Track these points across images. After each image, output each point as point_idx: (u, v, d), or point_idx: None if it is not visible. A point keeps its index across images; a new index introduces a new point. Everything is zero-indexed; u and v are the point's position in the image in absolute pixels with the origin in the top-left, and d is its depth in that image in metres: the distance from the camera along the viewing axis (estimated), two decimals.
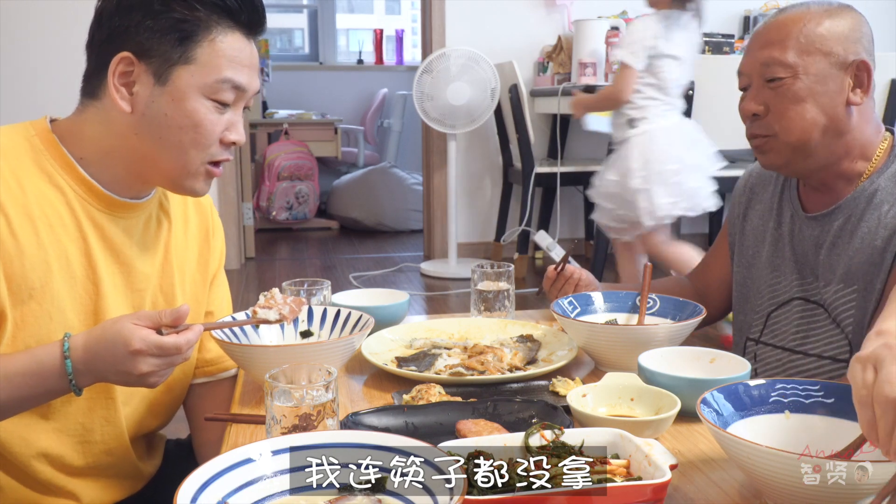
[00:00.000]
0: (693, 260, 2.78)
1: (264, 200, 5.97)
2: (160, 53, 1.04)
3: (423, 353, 1.28)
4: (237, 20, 1.08)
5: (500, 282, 1.47)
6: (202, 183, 1.13)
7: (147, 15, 1.04)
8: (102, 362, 0.99)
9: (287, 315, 1.10)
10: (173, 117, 1.06)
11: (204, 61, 1.06)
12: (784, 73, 1.25)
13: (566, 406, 1.00)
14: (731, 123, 3.74)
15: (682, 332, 1.24)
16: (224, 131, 1.10)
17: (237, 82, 1.08)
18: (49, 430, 1.12)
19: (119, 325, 0.98)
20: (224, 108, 1.09)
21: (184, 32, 1.05)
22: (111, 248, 1.12)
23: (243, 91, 1.10)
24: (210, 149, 1.09)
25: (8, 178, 1.03)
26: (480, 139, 4.81)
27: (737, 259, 1.49)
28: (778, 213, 1.42)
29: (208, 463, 0.73)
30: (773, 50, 1.26)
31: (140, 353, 0.97)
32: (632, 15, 4.58)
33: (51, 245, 1.06)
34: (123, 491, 1.24)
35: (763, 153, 1.32)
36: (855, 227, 1.28)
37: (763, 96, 1.29)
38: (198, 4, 1.05)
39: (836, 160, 1.28)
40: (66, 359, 0.99)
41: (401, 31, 7.80)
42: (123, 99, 1.06)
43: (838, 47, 1.24)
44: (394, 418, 1.00)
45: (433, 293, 4.16)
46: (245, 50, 1.09)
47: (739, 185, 1.53)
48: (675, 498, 0.84)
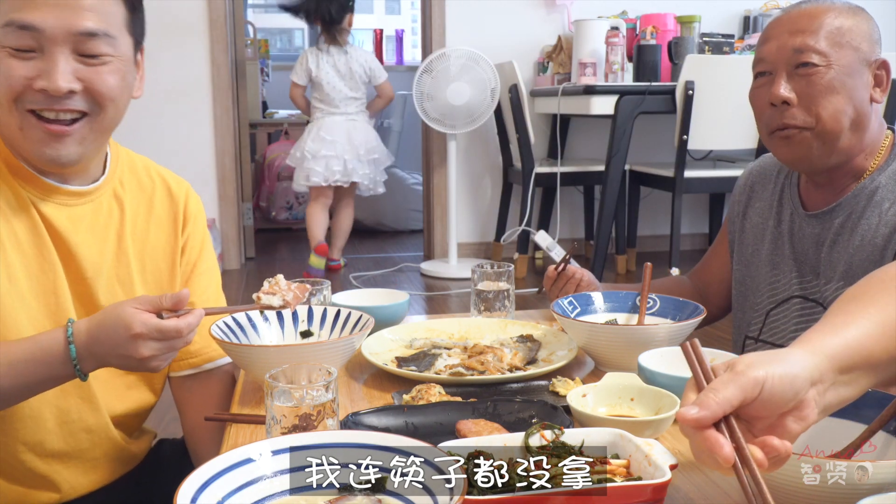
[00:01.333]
0: (316, 227, 4.46)
1: (264, 200, 5.97)
2: None
3: (423, 353, 1.28)
4: None
5: (500, 282, 1.47)
6: (40, 143, 1.04)
7: None
8: (104, 347, 0.99)
9: (291, 301, 1.09)
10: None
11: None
12: (819, 60, 1.23)
13: (566, 406, 1.00)
14: (730, 123, 3.78)
15: (682, 332, 1.23)
16: (33, 79, 1.01)
17: (24, 22, 0.99)
18: (25, 418, 1.11)
19: (120, 310, 0.97)
20: (28, 55, 1.00)
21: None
22: (55, 237, 1.11)
23: (40, 31, 0.99)
24: (22, 98, 1.02)
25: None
26: (480, 139, 4.81)
27: (736, 257, 1.49)
28: (778, 211, 1.42)
29: (208, 463, 0.73)
30: (805, 37, 1.24)
31: (141, 337, 0.96)
32: (632, 15, 4.58)
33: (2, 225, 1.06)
34: (110, 474, 1.22)
35: (789, 144, 1.28)
36: (855, 225, 1.28)
37: (793, 83, 1.26)
38: None
39: (852, 156, 1.28)
40: (69, 344, 0.99)
41: (401, 31, 7.80)
42: None
43: (864, 44, 1.25)
44: (394, 418, 1.00)
45: (433, 293, 4.16)
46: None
47: (739, 183, 1.53)
48: (675, 498, 0.84)
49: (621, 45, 4.03)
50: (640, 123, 4.07)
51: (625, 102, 3.85)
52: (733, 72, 3.71)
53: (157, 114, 4.45)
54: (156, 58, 4.41)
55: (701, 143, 3.82)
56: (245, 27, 5.79)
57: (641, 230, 4.69)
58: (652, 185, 4.26)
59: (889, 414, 0.85)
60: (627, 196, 4.45)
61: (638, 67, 4.05)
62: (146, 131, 4.44)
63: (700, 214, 5.09)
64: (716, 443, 0.65)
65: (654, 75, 4.00)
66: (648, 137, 4.64)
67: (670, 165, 3.90)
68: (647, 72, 4.00)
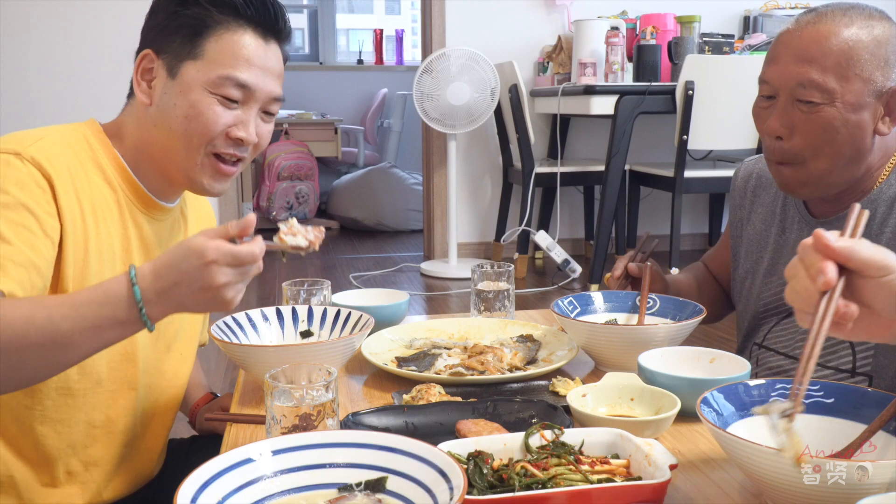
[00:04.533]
0: None
1: (264, 200, 5.97)
2: (173, 49, 1.12)
3: (423, 353, 1.28)
4: (248, 18, 1.13)
5: (500, 282, 1.46)
6: (210, 178, 1.16)
7: (167, 16, 1.13)
8: (176, 284, 0.93)
9: (314, 241, 1.05)
10: (180, 107, 1.11)
11: (211, 57, 1.11)
12: (821, 98, 1.16)
13: (566, 406, 1.00)
14: (730, 123, 3.78)
15: (682, 332, 1.23)
16: (231, 127, 1.13)
17: (241, 80, 1.12)
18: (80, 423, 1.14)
19: (188, 242, 0.94)
20: (232, 105, 1.13)
21: (194, 28, 1.11)
22: (145, 248, 1.18)
23: (250, 90, 1.13)
24: (214, 141, 1.13)
25: (79, 170, 1.10)
26: (480, 139, 4.81)
27: (741, 263, 1.46)
28: (781, 219, 1.38)
29: (208, 463, 0.73)
30: (810, 70, 1.16)
31: (216, 263, 0.92)
32: (632, 15, 4.58)
33: (102, 238, 1.11)
34: (133, 486, 1.25)
35: (781, 174, 1.25)
36: (880, 231, 1.22)
37: (791, 117, 1.19)
38: (211, 4, 1.11)
39: (853, 180, 1.24)
40: (133, 286, 0.93)
41: (401, 31, 7.80)
42: (144, 93, 1.14)
43: (878, 74, 1.16)
44: (394, 418, 1.00)
45: (433, 293, 4.16)
46: (255, 50, 1.13)
47: (739, 185, 1.49)
48: (675, 498, 0.84)
49: (621, 45, 4.03)
50: (640, 123, 4.07)
51: (625, 102, 3.85)
52: (733, 72, 3.71)
53: None
54: None
55: (701, 143, 3.82)
56: None
57: (641, 230, 4.69)
58: (652, 185, 4.26)
59: (889, 414, 0.85)
60: (627, 196, 4.46)
61: (638, 67, 4.05)
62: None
63: (700, 214, 5.10)
64: (828, 266, 0.72)
65: (654, 75, 4.00)
66: (648, 137, 4.64)
67: (670, 165, 3.90)
68: (647, 72, 4.00)
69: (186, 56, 1.11)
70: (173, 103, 1.11)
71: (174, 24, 1.12)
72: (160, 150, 1.14)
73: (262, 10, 1.14)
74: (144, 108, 1.14)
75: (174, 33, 1.12)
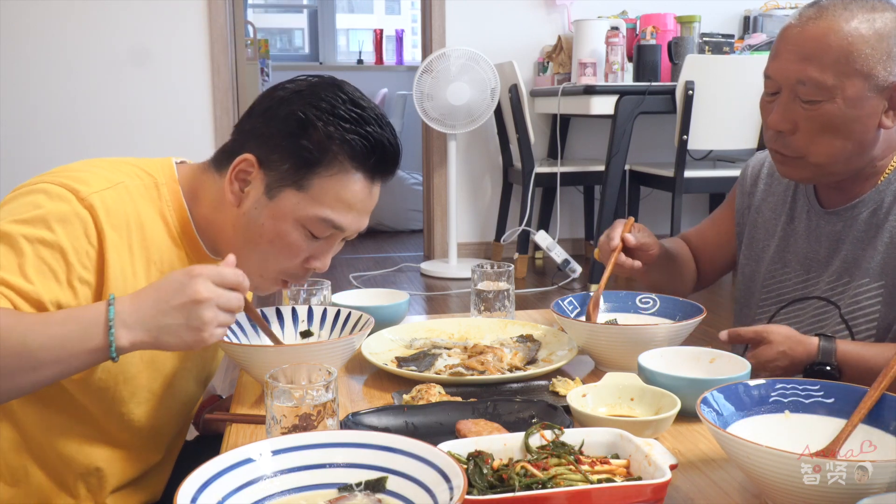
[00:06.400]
0: None
1: None
2: (279, 170, 1.07)
3: (423, 353, 1.28)
4: (364, 164, 1.09)
5: (500, 282, 1.46)
6: (269, 287, 1.16)
7: (284, 132, 1.07)
8: (156, 301, 0.92)
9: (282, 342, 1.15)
10: (267, 230, 1.09)
11: (314, 194, 1.07)
12: (821, 95, 1.16)
13: (566, 406, 1.00)
14: (730, 123, 3.77)
15: (682, 332, 1.24)
16: (309, 258, 1.13)
17: (336, 223, 1.10)
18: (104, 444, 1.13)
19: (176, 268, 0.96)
20: (318, 238, 1.11)
21: (306, 160, 1.06)
22: None
23: (341, 230, 1.12)
24: (290, 268, 1.13)
25: (141, 225, 1.07)
26: (480, 139, 4.81)
27: (745, 251, 1.47)
28: (791, 209, 1.39)
29: (208, 463, 0.73)
30: (810, 67, 1.16)
31: (201, 276, 0.92)
32: (632, 15, 4.58)
33: None
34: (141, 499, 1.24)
35: (783, 166, 1.28)
36: (883, 221, 1.25)
37: (792, 114, 1.21)
38: (332, 140, 1.06)
39: (858, 170, 1.26)
40: (109, 306, 0.92)
41: (401, 31, 7.80)
42: (234, 193, 1.10)
43: (880, 68, 1.15)
44: (394, 418, 1.00)
45: (433, 293, 4.16)
46: (360, 195, 1.10)
47: (752, 172, 1.49)
48: (675, 498, 0.84)
49: (621, 45, 4.03)
50: (640, 123, 4.07)
51: (625, 102, 3.85)
52: (733, 72, 3.70)
53: (157, 114, 4.46)
54: (156, 58, 4.43)
55: (701, 143, 3.82)
56: (245, 27, 5.79)
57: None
58: (652, 185, 4.26)
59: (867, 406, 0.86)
60: (627, 196, 4.45)
61: (638, 67, 4.05)
62: (146, 131, 4.45)
63: (700, 214, 5.09)
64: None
65: (654, 75, 4.00)
66: (648, 137, 4.64)
67: (670, 165, 3.90)
68: (647, 72, 4.00)
69: (290, 184, 1.07)
70: (261, 223, 1.09)
71: (289, 148, 1.06)
72: (233, 244, 1.12)
73: (384, 158, 1.10)
74: (229, 202, 1.10)
75: (286, 158, 1.06)
